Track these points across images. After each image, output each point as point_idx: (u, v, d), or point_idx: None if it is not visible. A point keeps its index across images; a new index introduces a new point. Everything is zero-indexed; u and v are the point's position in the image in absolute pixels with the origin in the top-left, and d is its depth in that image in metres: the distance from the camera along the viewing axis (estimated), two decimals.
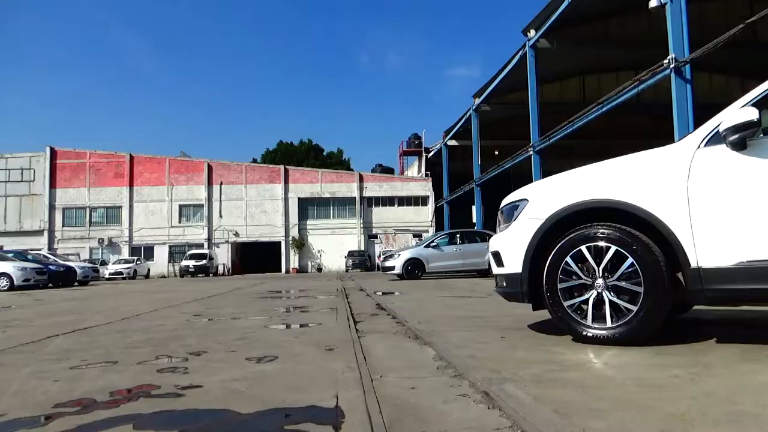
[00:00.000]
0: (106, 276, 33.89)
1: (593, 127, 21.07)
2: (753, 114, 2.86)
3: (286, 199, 45.82)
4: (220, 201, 45.60)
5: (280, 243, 45.58)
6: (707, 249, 3.00)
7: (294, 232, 45.59)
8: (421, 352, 3.41)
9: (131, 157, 45.46)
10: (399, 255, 18.03)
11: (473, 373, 2.67)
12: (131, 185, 45.19)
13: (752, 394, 2.18)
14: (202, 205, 45.49)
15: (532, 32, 22.73)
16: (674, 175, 3.13)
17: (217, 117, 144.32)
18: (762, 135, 2.96)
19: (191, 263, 37.62)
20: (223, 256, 44.25)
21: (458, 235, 18.62)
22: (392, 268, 17.56)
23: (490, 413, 2.03)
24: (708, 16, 16.73)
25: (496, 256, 3.93)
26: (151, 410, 2.22)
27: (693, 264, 3.04)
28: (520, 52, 24.17)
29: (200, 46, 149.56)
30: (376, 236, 46.16)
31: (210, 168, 45.93)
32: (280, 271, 44.67)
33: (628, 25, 22.61)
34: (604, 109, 18.66)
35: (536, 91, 23.45)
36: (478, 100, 31.40)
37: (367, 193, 46.54)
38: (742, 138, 2.94)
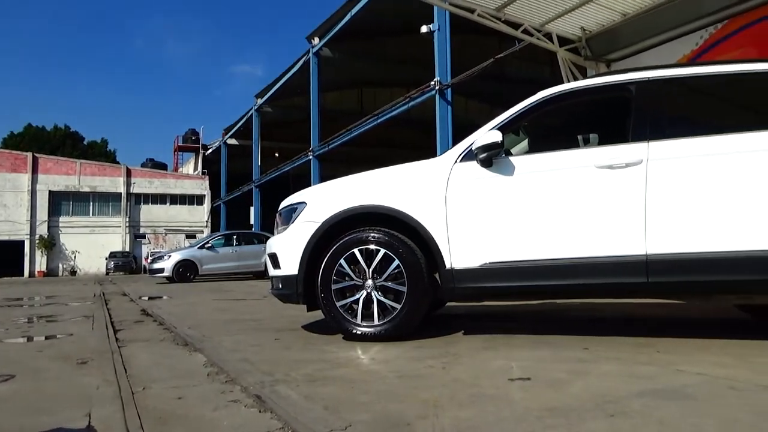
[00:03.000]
0: None
1: (369, 136, 22.44)
2: (497, 136, 3.35)
3: (33, 192, 39.50)
4: None
5: (23, 242, 39.11)
6: (459, 252, 3.41)
7: (42, 229, 39.52)
8: (190, 359, 3.23)
9: None
10: (169, 256, 16.92)
11: (246, 377, 2.61)
12: None
13: (490, 377, 2.53)
14: None
15: (316, 40, 23.34)
16: (435, 186, 3.50)
17: None
18: (504, 155, 3.48)
19: None
20: None
21: (235, 237, 18.18)
22: (161, 270, 16.39)
23: (262, 416, 2.01)
24: (468, 47, 19.06)
25: (273, 257, 3.93)
26: None
27: (448, 265, 3.42)
28: (304, 57, 24.63)
29: None
30: (143, 236, 42.52)
31: None
32: (21, 274, 38.28)
33: (403, 46, 24.55)
34: (378, 120, 20.03)
35: (318, 98, 24.11)
36: (260, 101, 31.10)
37: (135, 189, 42.62)
38: (489, 156, 3.41)
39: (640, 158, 3.21)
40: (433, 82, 15.64)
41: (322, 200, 3.79)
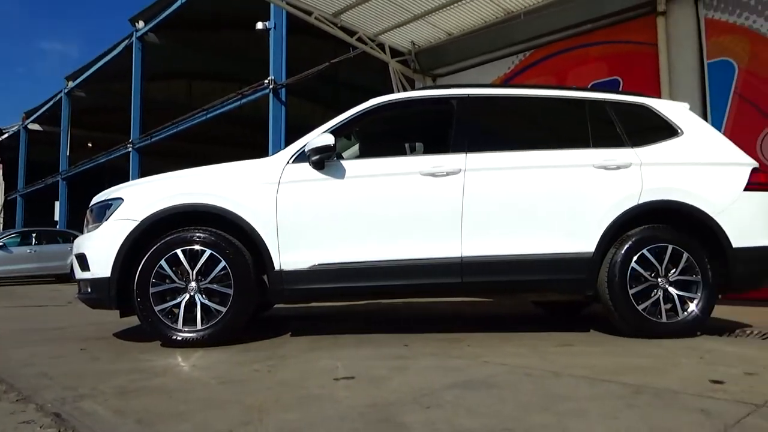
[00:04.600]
0: None
1: (198, 131, 21.30)
2: (330, 140, 3.40)
3: None
4: None
5: None
6: (289, 254, 3.39)
7: None
8: None
9: None
10: None
11: (43, 393, 2.31)
12: None
13: (316, 377, 2.55)
14: None
15: (141, 24, 21.58)
16: (266, 186, 3.44)
17: None
18: (336, 159, 3.54)
19: None
20: None
21: (34, 235, 16.03)
22: None
23: None
24: (305, 48, 19.10)
25: (81, 258, 3.53)
26: None
27: (277, 267, 3.39)
28: (126, 41, 22.64)
29: None
30: None
31: None
32: None
33: (239, 41, 23.74)
34: (208, 115, 19.13)
35: (141, 86, 22.33)
36: (72, 84, 27.85)
37: None
38: (321, 159, 3.46)
39: (459, 168, 3.49)
40: (267, 81, 15.39)
41: (142, 197, 3.50)
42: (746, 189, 3.60)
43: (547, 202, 3.51)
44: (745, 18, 5.79)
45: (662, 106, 3.94)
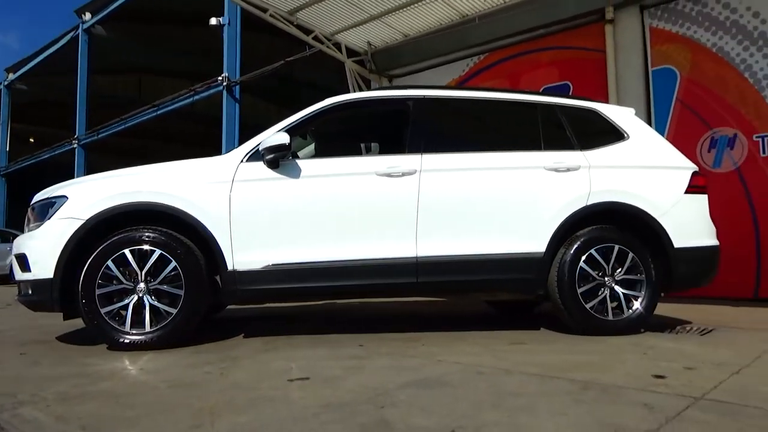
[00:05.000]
0: None
1: (148, 128, 20.71)
2: (285, 139, 3.37)
3: None
4: None
5: None
6: (242, 254, 3.34)
7: None
8: None
9: None
10: None
11: None
12: None
13: (269, 379, 2.51)
14: None
15: (88, 15, 20.81)
16: (219, 185, 3.38)
17: None
18: (291, 158, 3.50)
19: None
20: None
21: None
22: None
23: None
24: (260, 46, 18.82)
25: (22, 259, 3.38)
26: None
27: (230, 267, 3.33)
28: (72, 33, 21.79)
29: None
30: None
31: None
32: None
33: (192, 36, 23.18)
34: (159, 112, 18.61)
35: (87, 80, 21.54)
36: (12, 76, 26.61)
37: None
38: (276, 158, 3.42)
39: (415, 168, 3.51)
40: (221, 78, 15.12)
41: (88, 195, 3.38)
42: (687, 192, 3.77)
43: (500, 203, 3.58)
44: (687, 28, 6.05)
45: (610, 111, 4.08)
